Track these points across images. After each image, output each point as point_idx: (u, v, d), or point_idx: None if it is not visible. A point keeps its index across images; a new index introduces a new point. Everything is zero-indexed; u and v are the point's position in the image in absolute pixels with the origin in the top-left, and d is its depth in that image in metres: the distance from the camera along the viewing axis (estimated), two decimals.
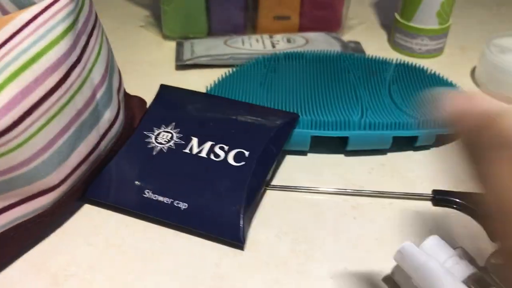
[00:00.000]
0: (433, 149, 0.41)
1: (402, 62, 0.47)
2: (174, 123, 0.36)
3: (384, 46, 0.56)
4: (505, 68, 0.45)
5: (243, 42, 0.52)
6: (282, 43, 0.53)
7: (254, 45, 0.52)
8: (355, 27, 0.60)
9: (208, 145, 0.35)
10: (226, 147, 0.35)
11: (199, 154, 0.34)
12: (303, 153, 0.40)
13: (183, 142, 0.35)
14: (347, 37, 0.58)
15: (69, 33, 0.29)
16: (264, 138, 0.35)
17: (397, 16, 0.54)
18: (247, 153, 0.34)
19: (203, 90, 0.43)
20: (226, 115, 0.37)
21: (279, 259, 0.32)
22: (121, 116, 0.37)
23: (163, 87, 0.41)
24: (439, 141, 0.41)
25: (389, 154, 0.40)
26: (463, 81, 0.50)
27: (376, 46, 0.56)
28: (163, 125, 0.36)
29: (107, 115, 0.34)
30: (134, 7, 0.60)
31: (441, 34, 0.52)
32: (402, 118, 0.39)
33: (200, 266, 0.31)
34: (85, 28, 0.32)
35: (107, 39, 0.37)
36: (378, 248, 0.32)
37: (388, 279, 0.30)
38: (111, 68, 0.36)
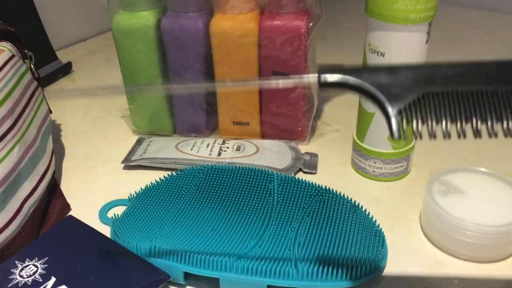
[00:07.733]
0: None
1: (331, 190, 0.43)
2: (47, 258, 0.37)
3: (346, 161, 0.52)
4: (440, 215, 0.39)
5: (192, 147, 0.53)
6: (229, 151, 0.52)
7: (202, 151, 0.52)
8: (327, 134, 0.57)
9: None
10: None
11: None
12: (181, 285, 0.39)
13: (41, 280, 0.35)
14: (310, 146, 0.55)
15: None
16: None
17: (354, 134, 0.50)
18: None
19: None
20: (97, 261, 0.37)
21: None
22: (12, 226, 0.39)
23: (68, 219, 0.42)
24: None
25: None
26: (408, 221, 0.44)
27: (337, 160, 0.52)
28: (36, 258, 0.37)
29: None
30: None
31: (398, 158, 0.47)
32: (279, 265, 0.36)
33: None
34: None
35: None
36: None
37: None
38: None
